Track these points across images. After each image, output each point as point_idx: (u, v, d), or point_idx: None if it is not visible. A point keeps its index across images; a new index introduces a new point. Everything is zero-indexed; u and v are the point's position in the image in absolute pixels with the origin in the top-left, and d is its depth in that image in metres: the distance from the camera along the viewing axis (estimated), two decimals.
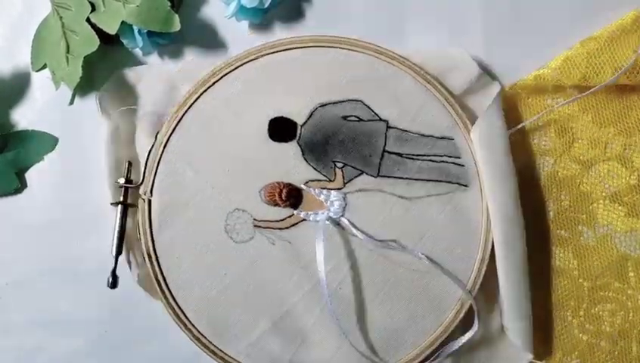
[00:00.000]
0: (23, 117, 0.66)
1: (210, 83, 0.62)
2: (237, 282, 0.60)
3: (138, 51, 0.65)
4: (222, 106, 0.62)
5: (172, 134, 0.61)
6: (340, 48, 0.62)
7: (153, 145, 0.61)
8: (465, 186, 0.60)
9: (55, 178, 0.65)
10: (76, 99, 0.63)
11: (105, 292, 0.61)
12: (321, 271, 0.58)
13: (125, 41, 0.63)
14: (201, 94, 0.62)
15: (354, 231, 0.60)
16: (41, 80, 0.66)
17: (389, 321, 0.60)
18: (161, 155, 0.61)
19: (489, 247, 0.59)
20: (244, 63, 0.62)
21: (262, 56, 0.62)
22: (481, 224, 0.60)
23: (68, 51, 0.61)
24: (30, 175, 0.66)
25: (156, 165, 0.61)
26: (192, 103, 0.62)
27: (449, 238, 0.60)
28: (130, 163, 0.63)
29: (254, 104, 0.62)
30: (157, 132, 0.62)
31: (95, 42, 0.60)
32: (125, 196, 0.62)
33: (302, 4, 0.65)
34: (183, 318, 0.60)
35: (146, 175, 0.61)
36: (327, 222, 0.60)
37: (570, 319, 0.62)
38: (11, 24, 0.67)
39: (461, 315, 0.60)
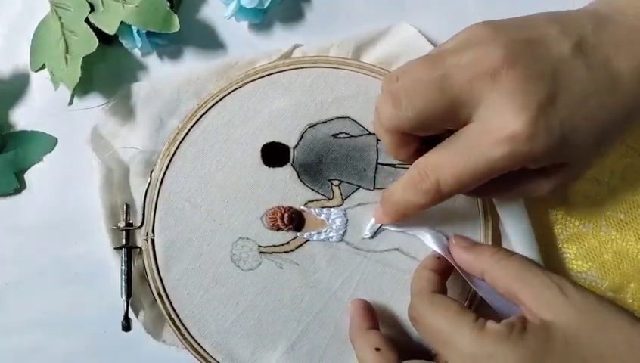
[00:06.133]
0: (22, 118, 0.65)
1: (198, 117, 0.62)
2: (250, 310, 0.61)
3: (137, 52, 0.65)
4: (213, 138, 0.62)
5: (166, 172, 0.62)
6: (321, 67, 0.62)
7: (148, 185, 0.62)
8: None
9: (54, 178, 0.65)
10: (75, 99, 0.63)
11: (105, 292, 0.62)
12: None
13: (124, 42, 0.63)
14: (190, 129, 0.62)
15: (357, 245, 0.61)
16: (40, 80, 0.65)
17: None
18: (158, 194, 0.62)
19: (490, 238, 0.61)
20: (228, 94, 0.62)
21: (246, 84, 0.62)
22: (479, 218, 0.61)
23: (67, 52, 0.61)
24: (29, 176, 0.65)
25: (154, 204, 0.62)
26: (182, 139, 0.62)
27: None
28: (128, 206, 0.63)
29: (244, 133, 0.62)
30: (151, 171, 0.62)
31: (94, 43, 0.60)
32: (128, 239, 0.62)
33: (302, 5, 0.65)
34: (202, 352, 0.61)
35: (145, 215, 0.62)
36: (332, 240, 0.61)
37: (630, 302, 0.62)
38: (10, 24, 0.66)
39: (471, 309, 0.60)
